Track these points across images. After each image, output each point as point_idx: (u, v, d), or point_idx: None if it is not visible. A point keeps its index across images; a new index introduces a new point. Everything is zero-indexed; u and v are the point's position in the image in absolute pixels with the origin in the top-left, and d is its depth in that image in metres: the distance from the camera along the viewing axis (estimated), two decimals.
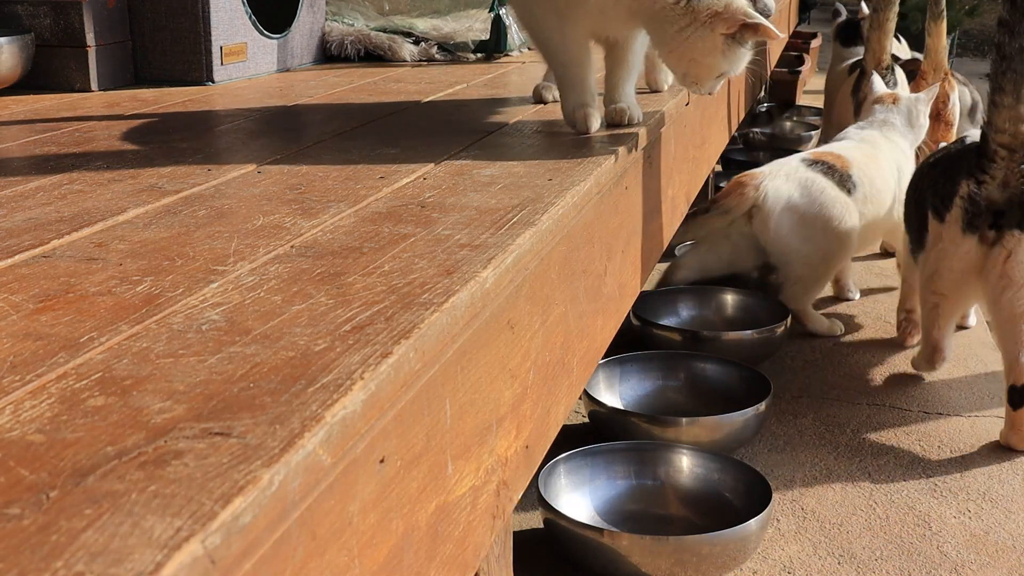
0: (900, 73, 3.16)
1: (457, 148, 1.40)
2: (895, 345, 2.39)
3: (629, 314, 2.31)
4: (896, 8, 3.01)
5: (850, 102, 3.24)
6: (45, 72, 1.97)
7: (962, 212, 1.85)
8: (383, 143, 1.45)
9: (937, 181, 1.95)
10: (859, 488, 1.78)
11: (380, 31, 2.52)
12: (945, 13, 2.94)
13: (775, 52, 4.28)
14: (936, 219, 1.92)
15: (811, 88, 5.48)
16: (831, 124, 3.61)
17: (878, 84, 2.75)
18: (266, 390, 0.63)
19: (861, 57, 3.23)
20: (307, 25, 2.39)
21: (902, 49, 3.79)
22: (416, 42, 2.49)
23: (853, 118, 3.00)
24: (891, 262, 3.01)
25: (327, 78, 2.17)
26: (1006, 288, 1.80)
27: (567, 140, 1.45)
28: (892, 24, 3.01)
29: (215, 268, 0.88)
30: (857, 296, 2.74)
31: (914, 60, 3.50)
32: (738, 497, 1.63)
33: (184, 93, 1.95)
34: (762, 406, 1.86)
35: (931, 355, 2.07)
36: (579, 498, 1.65)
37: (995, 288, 1.82)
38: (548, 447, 1.09)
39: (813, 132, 4.28)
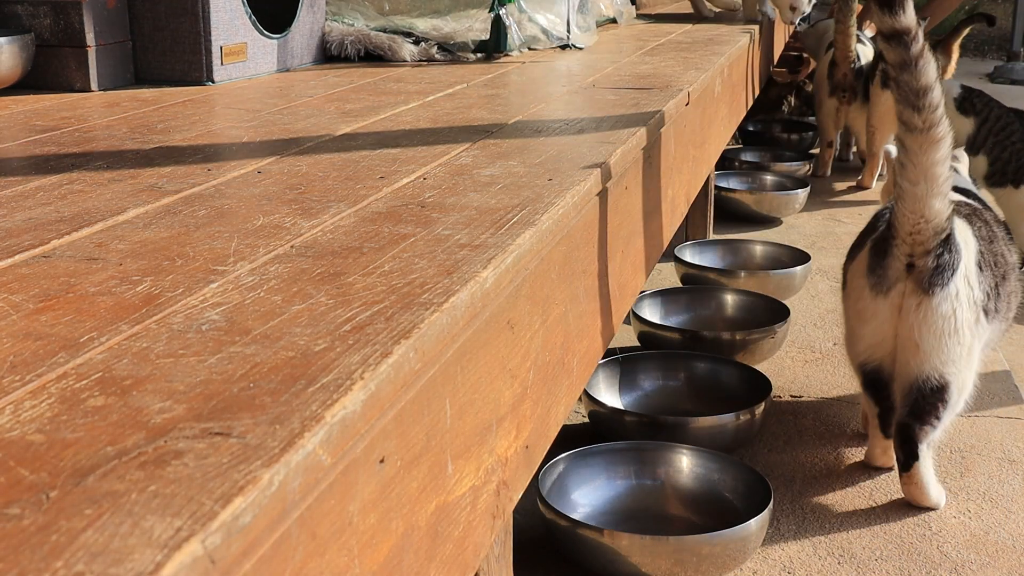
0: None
1: (457, 148, 1.40)
2: None
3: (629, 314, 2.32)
4: (854, 17, 3.71)
5: (826, 82, 3.94)
6: (45, 72, 1.97)
7: (880, 77, 3.53)
8: (383, 143, 1.45)
9: (873, 64, 3.70)
10: (859, 488, 1.78)
11: (380, 31, 2.52)
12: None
13: (776, 52, 4.28)
14: (871, 85, 3.65)
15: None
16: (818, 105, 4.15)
17: None
18: (266, 390, 0.63)
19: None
20: (307, 25, 2.39)
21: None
22: (416, 42, 2.49)
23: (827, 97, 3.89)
24: None
25: (327, 78, 2.17)
26: None
27: (567, 140, 1.45)
28: (854, 28, 3.74)
29: (215, 268, 0.88)
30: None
31: None
32: (738, 497, 1.63)
33: (184, 93, 1.95)
34: (762, 406, 1.86)
35: (873, 166, 3.79)
36: (579, 498, 1.65)
37: None
38: (548, 447, 1.09)
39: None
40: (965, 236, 1.69)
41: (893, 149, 2.30)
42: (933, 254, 1.62)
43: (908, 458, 1.68)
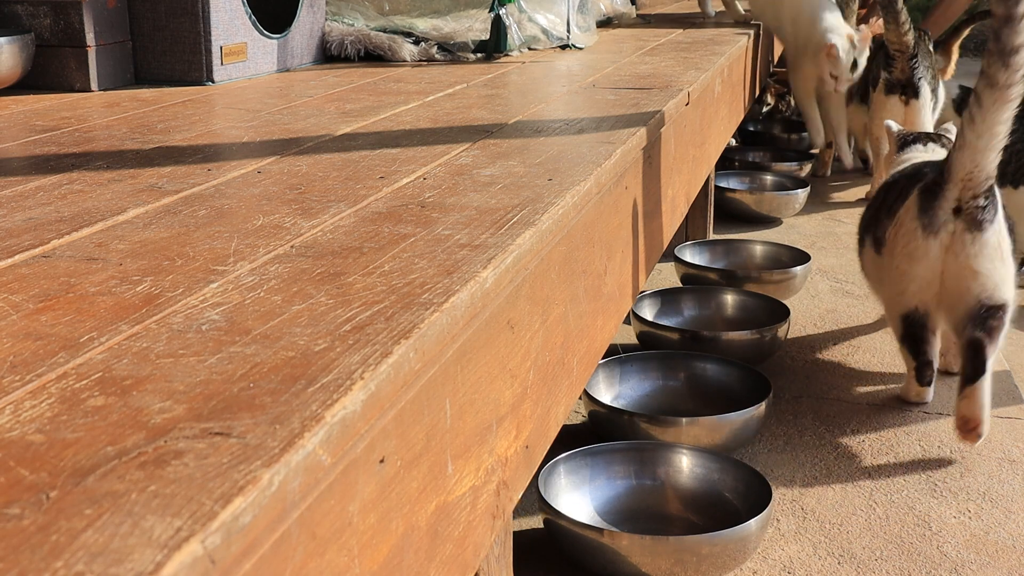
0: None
1: (457, 148, 1.40)
2: (896, 346, 2.39)
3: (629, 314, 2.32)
4: (853, 19, 3.75)
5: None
6: (45, 72, 1.97)
7: (884, 85, 3.32)
8: (383, 143, 1.45)
9: (870, 73, 3.51)
10: (859, 488, 1.78)
11: (380, 31, 2.52)
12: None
13: (776, 51, 4.28)
14: (872, 90, 3.45)
15: None
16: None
17: None
18: (266, 390, 0.63)
19: None
20: (307, 25, 2.39)
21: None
22: (416, 42, 2.49)
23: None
24: None
25: (327, 78, 2.17)
26: (914, 122, 3.25)
27: (567, 140, 1.45)
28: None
29: (215, 268, 0.88)
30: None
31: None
32: (738, 497, 1.63)
33: (184, 93, 1.95)
34: (762, 406, 1.86)
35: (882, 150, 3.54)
36: (579, 498, 1.65)
37: (909, 120, 3.27)
38: (548, 447, 1.09)
39: None
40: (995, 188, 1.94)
41: (893, 124, 2.42)
42: (982, 197, 1.86)
43: (976, 372, 1.84)
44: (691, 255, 2.82)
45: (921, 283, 1.90)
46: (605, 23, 3.32)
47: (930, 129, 3.39)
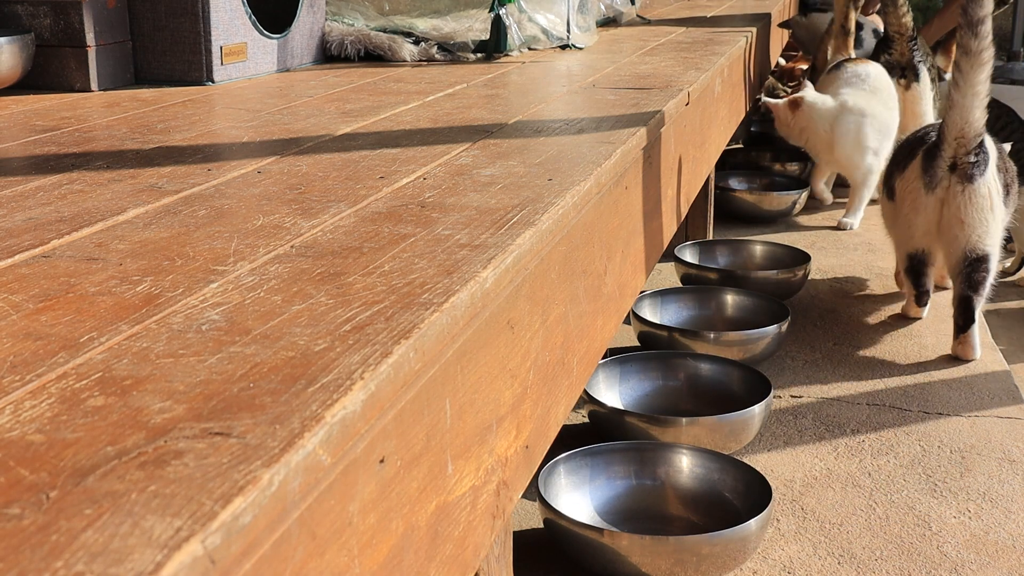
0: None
1: (457, 148, 1.40)
2: (896, 346, 2.40)
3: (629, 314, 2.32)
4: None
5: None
6: (45, 72, 1.97)
7: (884, 68, 3.27)
8: (383, 143, 1.45)
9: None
10: (859, 488, 1.78)
11: (380, 31, 2.52)
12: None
13: (774, 52, 4.28)
14: None
15: None
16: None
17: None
18: (266, 390, 0.63)
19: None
20: (307, 25, 2.39)
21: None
22: (416, 42, 2.49)
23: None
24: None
25: (327, 78, 2.17)
26: (914, 108, 3.27)
27: (566, 140, 1.45)
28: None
29: (215, 268, 0.88)
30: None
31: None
32: (738, 497, 1.63)
33: (184, 93, 1.95)
34: (762, 406, 1.86)
35: None
36: (579, 498, 1.65)
37: (909, 106, 3.30)
38: (548, 447, 1.09)
39: None
40: (989, 144, 2.21)
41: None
42: (973, 153, 2.13)
43: (967, 323, 2.23)
44: (691, 255, 2.82)
45: (922, 231, 2.23)
46: (605, 23, 3.32)
47: (932, 119, 3.31)
